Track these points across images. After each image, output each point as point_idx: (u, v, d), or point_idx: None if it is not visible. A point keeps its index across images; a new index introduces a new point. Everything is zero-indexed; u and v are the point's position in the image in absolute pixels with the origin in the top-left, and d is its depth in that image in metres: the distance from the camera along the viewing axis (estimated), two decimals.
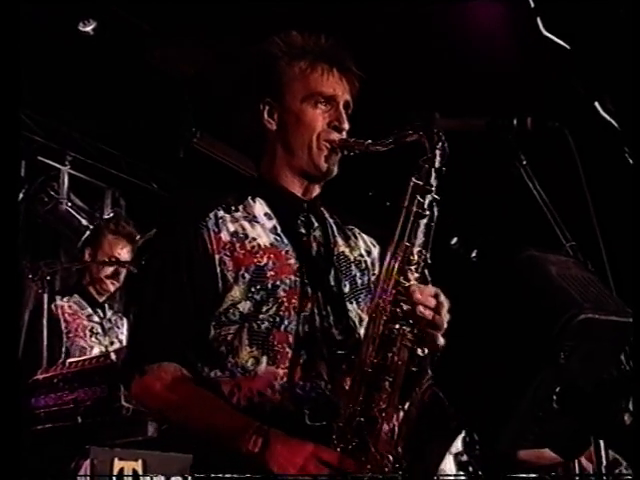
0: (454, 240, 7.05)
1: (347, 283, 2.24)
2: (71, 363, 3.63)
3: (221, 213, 2.17)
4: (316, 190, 2.30)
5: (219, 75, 5.16)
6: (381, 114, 2.21)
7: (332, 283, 2.20)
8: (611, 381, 1.73)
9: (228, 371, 2.07)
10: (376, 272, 2.32)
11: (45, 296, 4.04)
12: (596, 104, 4.92)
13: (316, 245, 2.24)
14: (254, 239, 2.15)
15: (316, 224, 2.27)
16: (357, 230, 2.40)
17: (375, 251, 2.39)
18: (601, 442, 2.03)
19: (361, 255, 2.33)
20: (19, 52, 1.97)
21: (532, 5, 4.79)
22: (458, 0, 5.03)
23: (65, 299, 4.29)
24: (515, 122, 2.05)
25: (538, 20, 4.78)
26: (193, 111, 6.03)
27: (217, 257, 2.11)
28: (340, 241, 2.30)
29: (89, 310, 4.32)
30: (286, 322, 2.09)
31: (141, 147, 6.36)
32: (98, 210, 6.28)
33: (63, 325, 4.15)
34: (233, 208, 2.20)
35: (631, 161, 4.24)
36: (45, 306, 4.00)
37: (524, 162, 2.11)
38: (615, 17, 4.43)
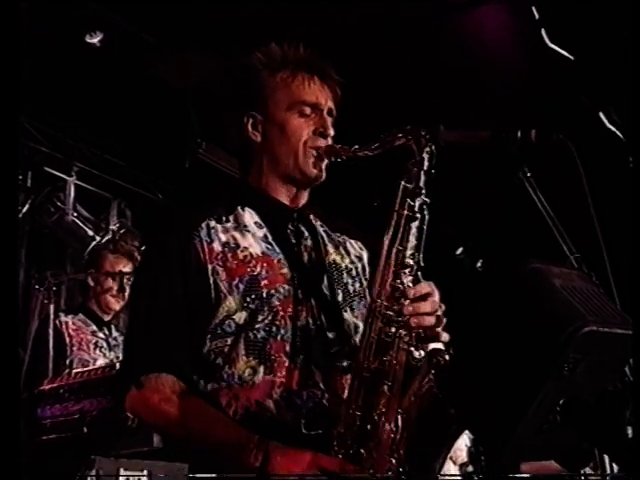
0: (459, 250, 7.05)
1: (340, 291, 2.25)
2: (77, 374, 3.64)
3: (212, 223, 2.18)
4: (304, 198, 2.32)
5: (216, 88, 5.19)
6: (384, 124, 2.21)
7: (325, 292, 2.21)
8: (615, 393, 1.73)
9: (225, 382, 2.07)
10: (367, 277, 2.34)
11: (51, 306, 4.06)
12: (601, 115, 4.92)
13: (307, 254, 2.25)
14: (246, 248, 2.16)
15: (306, 233, 2.29)
16: (345, 237, 2.41)
17: (365, 256, 2.41)
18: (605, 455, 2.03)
19: (351, 262, 2.35)
20: (20, 62, 1.97)
21: (537, 17, 4.79)
22: (460, 8, 5.04)
23: (70, 316, 4.29)
24: (519, 134, 2.05)
25: (543, 32, 4.79)
26: (198, 122, 6.05)
27: (210, 267, 2.11)
28: (331, 249, 2.32)
29: (94, 327, 4.32)
30: (282, 331, 2.10)
31: (147, 158, 6.38)
32: (104, 221, 6.29)
33: (67, 339, 4.15)
34: (224, 218, 2.21)
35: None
36: (52, 316, 4.02)
37: (528, 174, 2.11)
38: (620, 28, 4.44)
